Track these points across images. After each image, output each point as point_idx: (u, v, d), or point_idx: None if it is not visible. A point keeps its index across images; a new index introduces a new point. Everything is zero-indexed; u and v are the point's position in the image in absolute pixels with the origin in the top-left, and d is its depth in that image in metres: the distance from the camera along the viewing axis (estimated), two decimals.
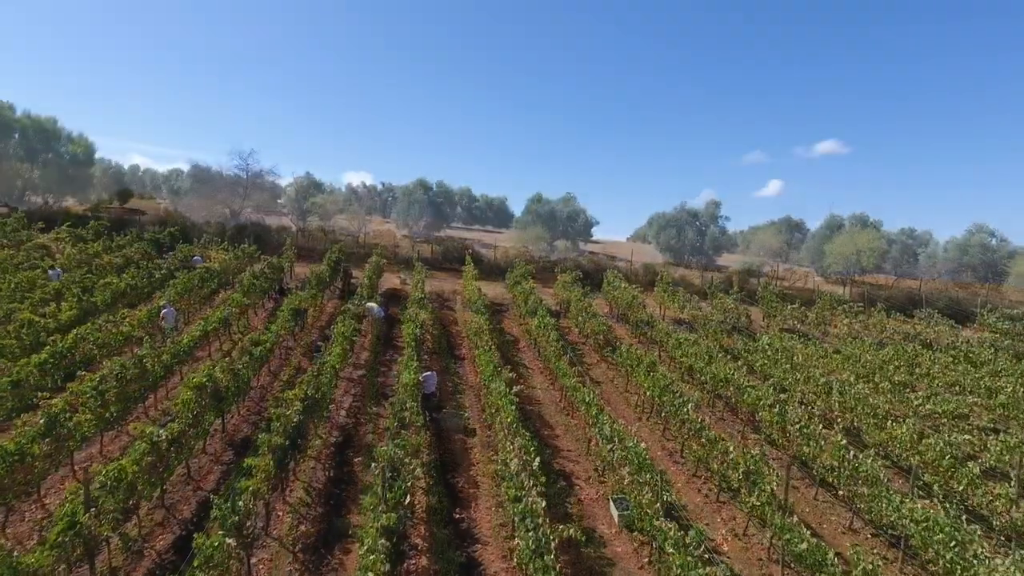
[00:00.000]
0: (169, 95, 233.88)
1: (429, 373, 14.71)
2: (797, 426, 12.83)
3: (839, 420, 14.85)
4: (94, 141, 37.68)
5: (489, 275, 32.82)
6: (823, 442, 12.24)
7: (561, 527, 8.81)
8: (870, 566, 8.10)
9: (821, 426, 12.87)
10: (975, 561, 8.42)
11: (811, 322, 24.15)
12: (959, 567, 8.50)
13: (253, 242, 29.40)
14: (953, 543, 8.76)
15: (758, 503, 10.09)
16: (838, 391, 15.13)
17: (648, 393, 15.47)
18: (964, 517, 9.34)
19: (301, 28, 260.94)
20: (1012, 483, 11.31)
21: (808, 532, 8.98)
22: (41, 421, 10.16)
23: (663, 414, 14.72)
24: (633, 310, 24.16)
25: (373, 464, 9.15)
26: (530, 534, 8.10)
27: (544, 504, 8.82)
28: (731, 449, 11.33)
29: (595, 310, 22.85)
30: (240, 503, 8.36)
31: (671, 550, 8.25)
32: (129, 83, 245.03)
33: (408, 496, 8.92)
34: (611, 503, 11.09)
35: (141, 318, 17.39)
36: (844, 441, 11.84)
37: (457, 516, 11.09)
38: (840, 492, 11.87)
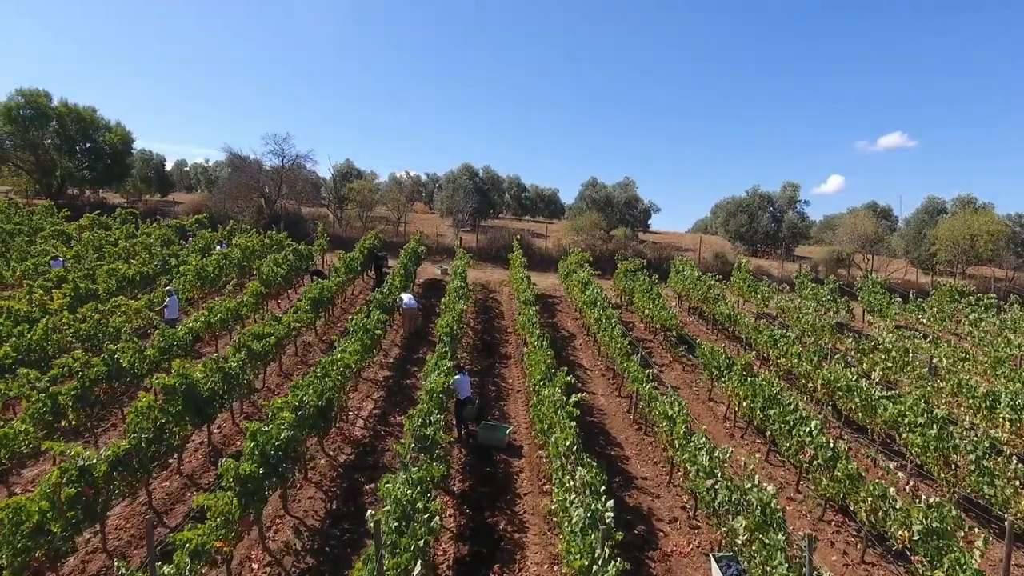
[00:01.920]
0: (206, 94, 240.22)
1: (461, 376, 11.70)
2: (972, 456, 9.15)
3: (1014, 445, 11.00)
4: (132, 131, 36.60)
5: (540, 266, 29.71)
6: (1018, 482, 8.56)
7: None
8: None
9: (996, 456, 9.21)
10: None
11: (932, 318, 19.92)
12: None
13: (284, 229, 27.20)
14: None
15: None
16: (1008, 405, 11.26)
17: (744, 404, 12.01)
18: None
19: (345, 15, 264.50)
20: None
21: None
22: None
23: (767, 432, 11.23)
24: (709, 303, 20.55)
25: (369, 513, 6.18)
26: None
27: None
28: (893, 494, 7.81)
29: (664, 302, 19.40)
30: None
31: None
32: (166, 79, 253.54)
33: (419, 564, 5.90)
34: (713, 565, 7.77)
35: (138, 307, 15.11)
36: None
37: None
38: None
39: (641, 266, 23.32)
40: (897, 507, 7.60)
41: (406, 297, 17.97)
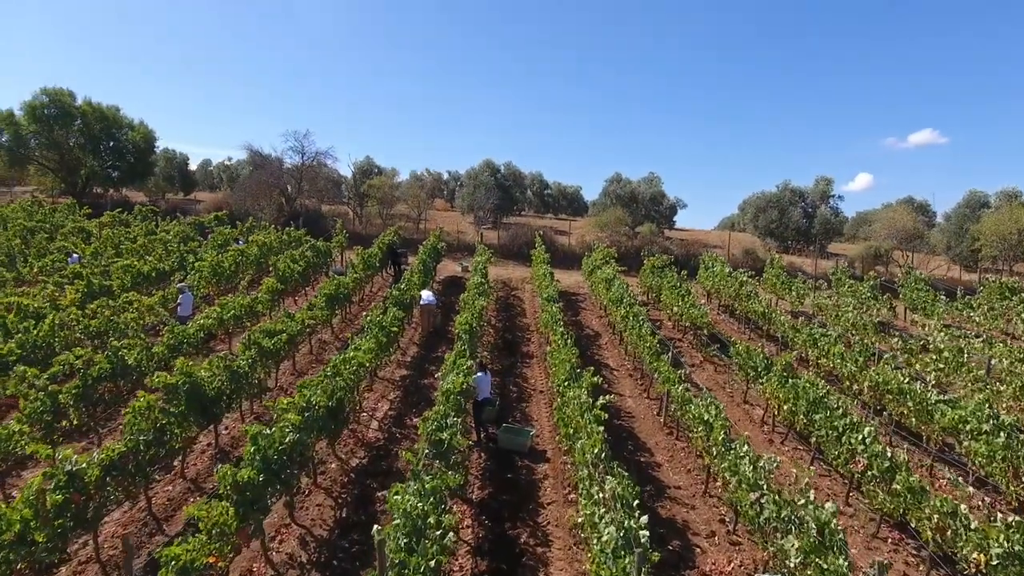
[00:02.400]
0: (231, 95, 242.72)
1: (481, 374, 11.02)
2: None
3: None
4: (154, 129, 36.70)
5: (563, 263, 28.92)
6: None
7: None
8: None
9: None
10: None
11: (984, 316, 18.67)
12: None
13: (303, 226, 26.83)
14: None
15: None
16: None
17: (785, 408, 11.12)
18: None
19: (367, 14, 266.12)
20: None
21: None
22: None
23: (813, 439, 10.33)
24: (741, 300, 19.59)
25: (376, 529, 5.53)
26: None
27: None
28: (965, 511, 6.92)
29: (693, 299, 18.49)
30: None
31: None
32: (192, 83, 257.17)
33: None
34: None
35: (151, 303, 14.73)
36: None
37: None
38: None
39: (668, 262, 22.40)
40: (971, 527, 6.70)
41: (425, 294, 17.36)
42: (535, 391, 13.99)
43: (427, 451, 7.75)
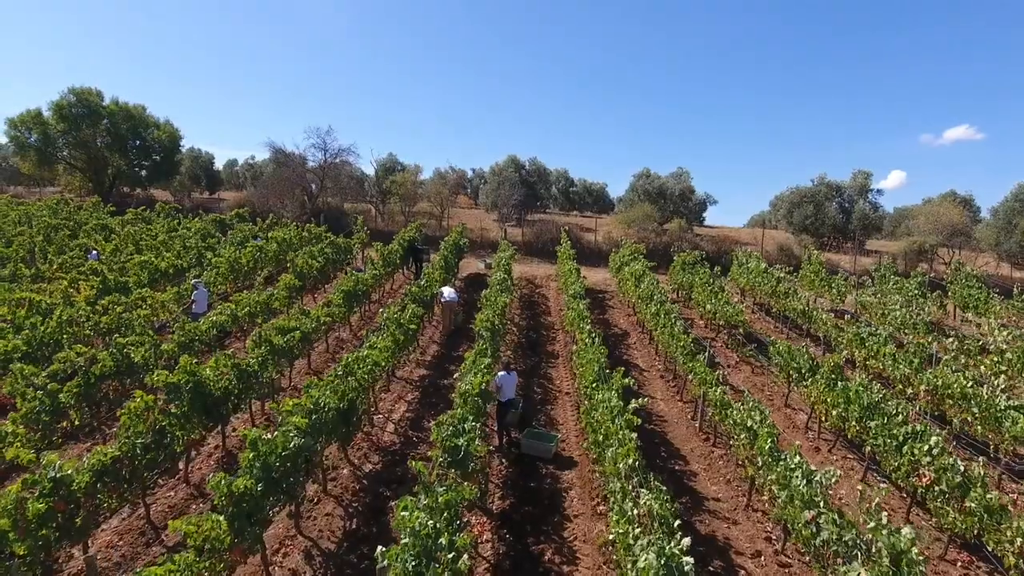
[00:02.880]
0: (256, 95, 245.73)
1: (504, 373, 10.31)
2: None
3: None
4: (180, 128, 36.85)
5: (589, 260, 28.05)
6: None
7: None
8: None
9: None
10: None
11: None
12: None
13: (325, 223, 26.46)
14: None
15: None
16: None
17: (834, 413, 10.16)
18: None
19: (391, 13, 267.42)
20: None
21: None
22: None
23: (867, 448, 9.38)
24: (778, 298, 18.54)
25: (379, 552, 4.86)
26: None
27: None
28: None
29: (727, 296, 17.52)
30: None
31: None
32: (218, 84, 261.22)
33: None
34: None
35: (165, 299, 14.37)
36: None
37: None
38: None
39: (700, 258, 21.42)
40: None
41: (447, 291, 16.68)
42: (560, 392, 13.24)
43: (441, 459, 7.07)
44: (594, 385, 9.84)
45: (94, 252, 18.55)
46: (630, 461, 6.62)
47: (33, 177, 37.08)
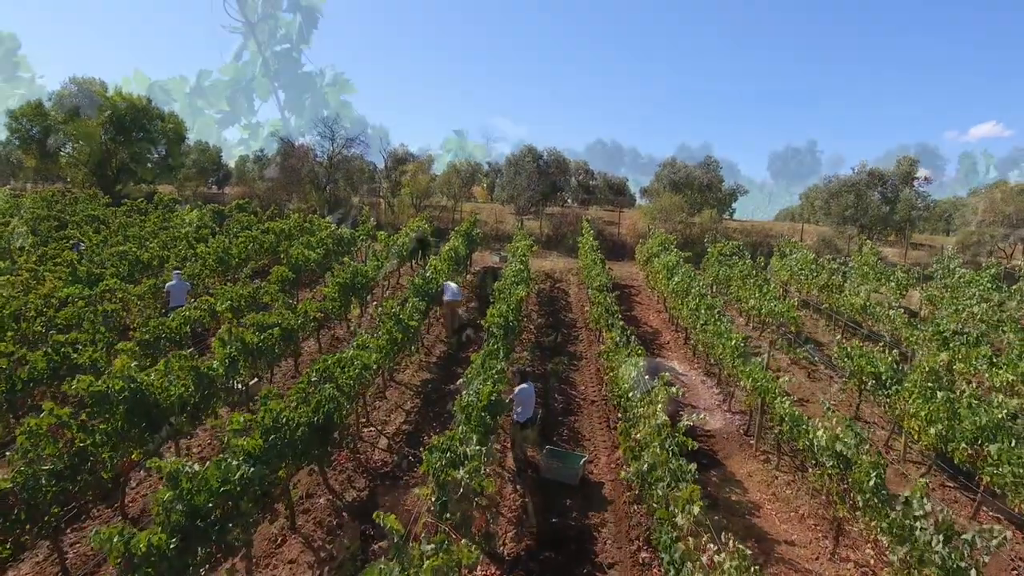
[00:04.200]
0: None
1: (525, 386, 8.35)
2: None
3: None
4: (184, 120, 35.48)
5: (612, 254, 26.01)
6: None
7: None
8: None
9: None
10: None
11: None
12: None
13: (329, 213, 24.83)
14: None
15: None
16: None
17: (932, 432, 8.12)
18: None
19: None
20: None
21: None
22: None
23: (982, 479, 7.34)
24: (830, 292, 16.43)
25: None
26: None
27: None
28: None
29: (773, 290, 15.46)
30: None
31: None
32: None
33: None
34: None
35: (139, 292, 12.75)
36: None
37: None
38: None
39: (738, 248, 19.34)
40: None
41: (452, 286, 14.69)
42: (586, 401, 11.33)
43: (433, 497, 5.24)
44: (629, 395, 7.95)
45: (80, 244, 17.07)
46: (695, 511, 4.71)
47: (39, 171, 35.98)
